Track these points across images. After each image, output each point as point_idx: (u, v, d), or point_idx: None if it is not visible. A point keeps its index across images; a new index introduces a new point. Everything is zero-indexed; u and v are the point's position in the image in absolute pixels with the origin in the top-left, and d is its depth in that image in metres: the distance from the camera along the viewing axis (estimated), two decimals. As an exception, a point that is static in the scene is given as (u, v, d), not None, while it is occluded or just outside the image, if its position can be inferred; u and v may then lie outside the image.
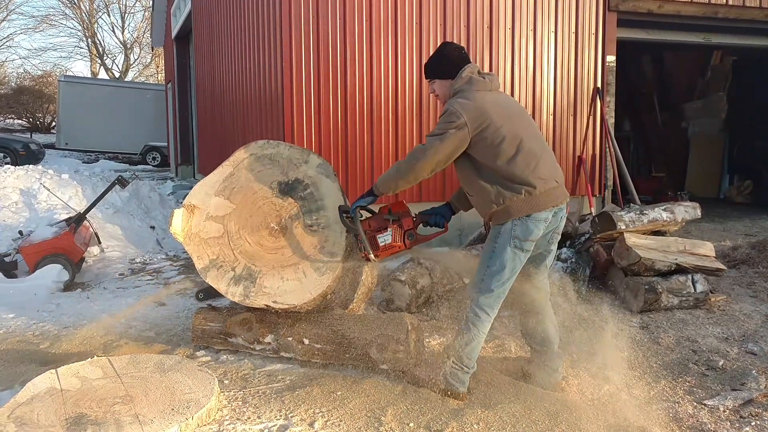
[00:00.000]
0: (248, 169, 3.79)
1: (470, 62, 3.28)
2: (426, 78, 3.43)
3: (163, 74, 26.52)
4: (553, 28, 7.17)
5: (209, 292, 3.92)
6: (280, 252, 3.66)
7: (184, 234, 3.76)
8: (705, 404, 3.23)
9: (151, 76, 38.13)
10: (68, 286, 5.63)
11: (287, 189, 3.72)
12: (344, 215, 3.37)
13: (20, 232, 6.54)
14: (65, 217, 6.70)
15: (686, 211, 5.33)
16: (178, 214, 3.75)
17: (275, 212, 3.70)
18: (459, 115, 3.05)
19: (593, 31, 7.39)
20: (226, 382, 3.49)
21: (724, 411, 3.16)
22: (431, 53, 3.44)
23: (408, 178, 3.20)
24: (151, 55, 37.09)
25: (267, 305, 3.62)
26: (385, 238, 3.33)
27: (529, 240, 3.12)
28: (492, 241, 3.18)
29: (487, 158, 3.09)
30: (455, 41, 6.66)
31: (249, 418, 3.07)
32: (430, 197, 6.57)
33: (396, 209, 3.40)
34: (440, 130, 3.08)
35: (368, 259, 3.36)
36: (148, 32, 30.73)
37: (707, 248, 5.09)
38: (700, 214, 5.46)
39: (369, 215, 3.47)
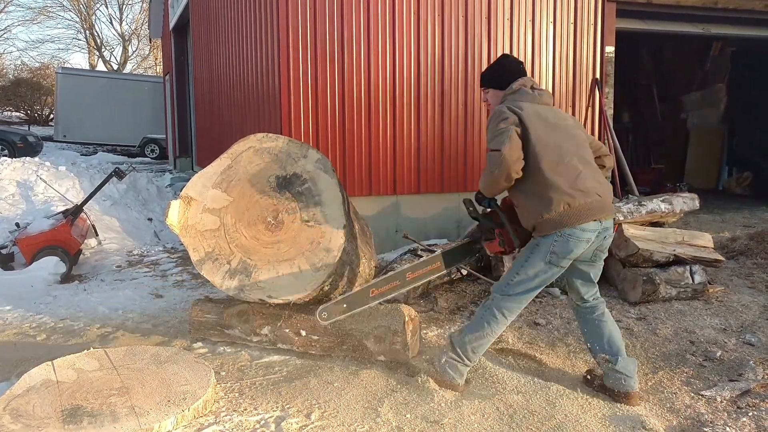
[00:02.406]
0: (246, 163, 3.77)
1: (526, 75, 3.31)
2: (481, 86, 3.46)
3: (161, 66, 26.43)
4: (551, 19, 7.13)
5: None
6: (276, 246, 3.65)
7: (180, 226, 3.75)
8: (702, 395, 3.23)
9: (149, 68, 38.03)
10: (65, 279, 5.62)
11: (285, 183, 3.70)
12: (471, 208, 3.26)
13: (17, 224, 6.52)
14: (62, 209, 6.69)
15: (685, 202, 5.32)
16: (175, 206, 3.74)
17: (272, 206, 3.69)
18: (505, 112, 3.07)
19: (592, 21, 7.34)
20: (223, 373, 3.48)
21: (721, 402, 3.16)
22: (489, 64, 3.47)
23: (500, 184, 3.09)
24: (149, 46, 36.98)
25: (261, 300, 3.61)
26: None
27: (567, 258, 3.06)
28: (529, 250, 3.13)
29: (527, 166, 3.04)
30: (453, 31, 6.63)
31: (246, 409, 3.06)
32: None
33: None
34: (496, 131, 3.04)
35: (507, 253, 3.30)
36: (146, 24, 30.60)
37: (705, 239, 5.08)
38: (698, 205, 5.45)
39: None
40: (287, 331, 3.69)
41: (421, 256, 4.95)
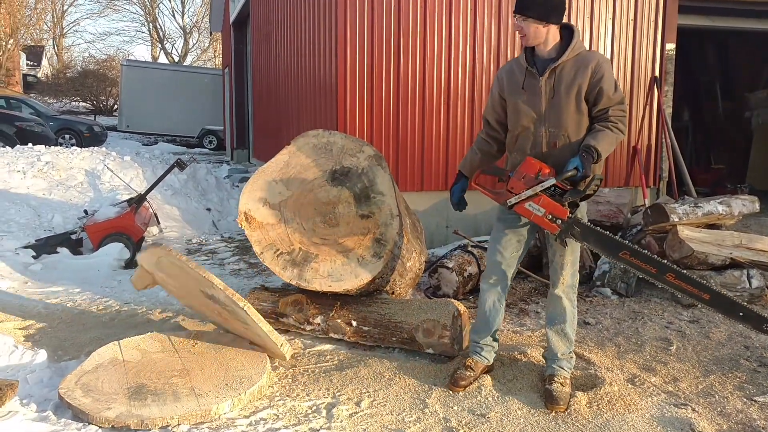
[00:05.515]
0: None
1: None
2: (542, 20, 2.99)
3: (221, 59, 27.01)
4: (610, 15, 7.03)
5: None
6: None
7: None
8: (755, 401, 3.19)
9: (208, 60, 38.97)
10: (129, 264, 5.86)
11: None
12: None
13: (85, 211, 6.83)
14: (127, 197, 6.97)
15: (744, 204, 5.19)
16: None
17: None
18: None
19: (653, 18, 7.21)
20: (277, 361, 3.61)
21: (774, 408, 3.12)
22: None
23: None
24: (209, 39, 37.86)
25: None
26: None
27: None
28: None
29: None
30: (510, 29, 6.61)
31: (298, 395, 3.18)
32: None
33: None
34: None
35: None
36: (207, 17, 31.35)
37: (765, 243, 4.95)
38: (758, 207, 5.32)
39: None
40: (339, 321, 3.80)
41: (472, 252, 4.99)
